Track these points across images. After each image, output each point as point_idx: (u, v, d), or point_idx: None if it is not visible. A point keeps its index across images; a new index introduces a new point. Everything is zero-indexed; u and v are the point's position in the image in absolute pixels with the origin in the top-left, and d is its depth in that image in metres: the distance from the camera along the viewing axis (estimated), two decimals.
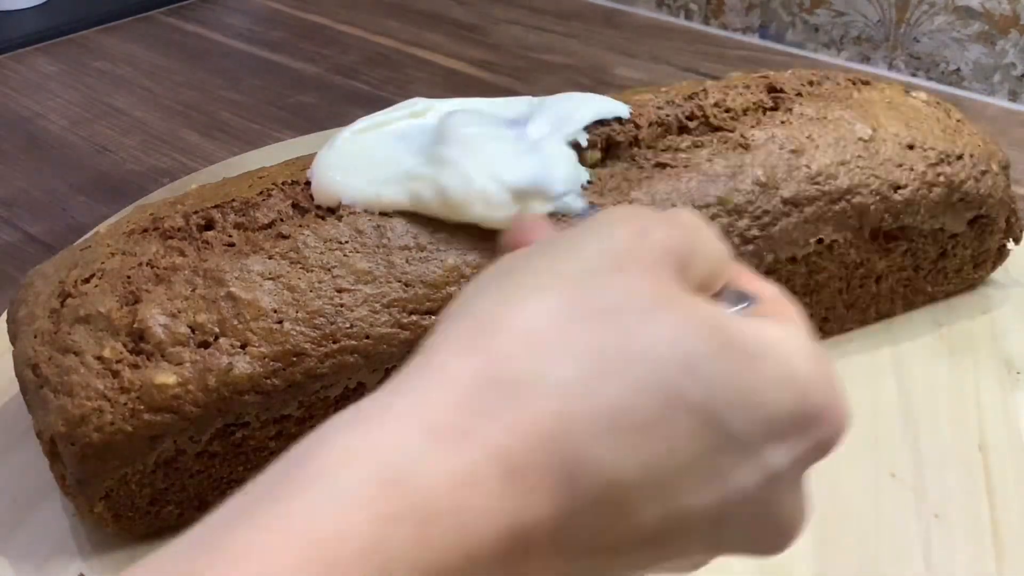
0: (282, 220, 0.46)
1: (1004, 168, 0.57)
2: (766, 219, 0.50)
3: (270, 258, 0.45)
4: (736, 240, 0.49)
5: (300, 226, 0.46)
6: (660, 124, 0.51)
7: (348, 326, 0.44)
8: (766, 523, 0.28)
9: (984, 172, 0.55)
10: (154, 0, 1.07)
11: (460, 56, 0.96)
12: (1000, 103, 0.87)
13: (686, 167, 0.50)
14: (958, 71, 0.91)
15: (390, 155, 0.47)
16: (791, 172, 0.51)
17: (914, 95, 0.58)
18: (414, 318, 0.45)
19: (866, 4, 0.94)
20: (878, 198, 0.52)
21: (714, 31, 1.02)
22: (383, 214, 0.46)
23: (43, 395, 0.43)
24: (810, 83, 0.56)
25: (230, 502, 0.23)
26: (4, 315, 0.51)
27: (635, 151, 0.50)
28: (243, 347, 0.43)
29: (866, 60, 0.96)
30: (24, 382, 0.45)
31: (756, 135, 0.52)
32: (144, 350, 0.43)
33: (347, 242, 0.45)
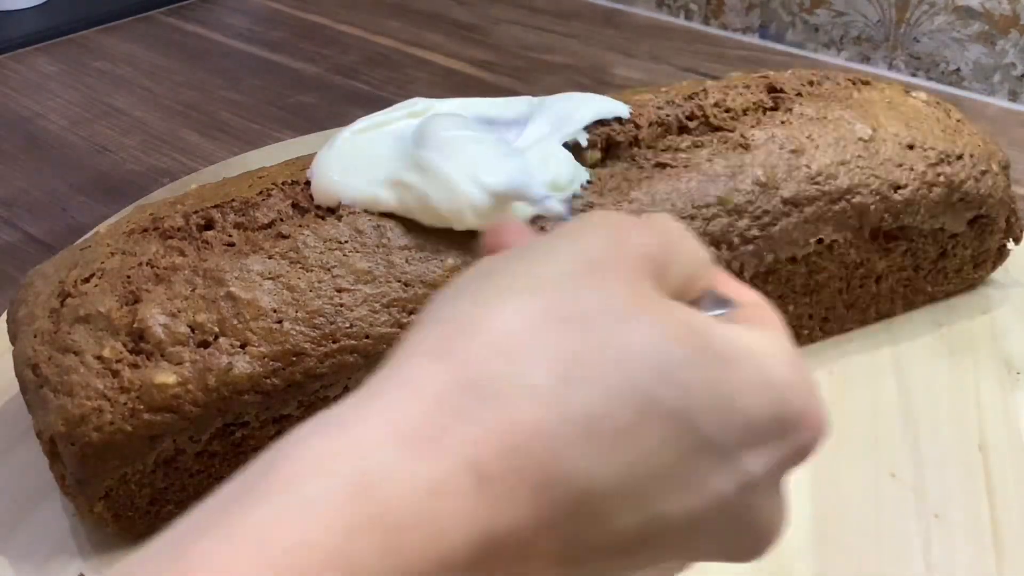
0: (282, 220, 0.46)
1: (1004, 168, 0.57)
2: (766, 219, 0.50)
3: (270, 258, 0.45)
4: (736, 240, 0.49)
5: (300, 226, 0.46)
6: (660, 124, 0.51)
7: (348, 326, 0.44)
8: (743, 528, 0.28)
9: (984, 172, 0.55)
10: (154, 0, 1.07)
11: (460, 56, 0.96)
12: (1000, 103, 0.87)
13: (686, 167, 0.50)
14: (958, 71, 0.91)
15: (390, 155, 0.47)
16: (791, 172, 0.51)
17: (914, 95, 0.58)
18: (414, 318, 0.45)
19: (866, 4, 0.94)
20: (878, 198, 0.52)
21: (714, 31, 1.02)
22: (383, 214, 0.46)
23: (43, 395, 0.43)
24: (810, 83, 0.56)
25: (197, 510, 0.23)
26: (4, 315, 0.51)
27: (635, 151, 0.50)
28: (243, 347, 0.43)
29: (866, 60, 0.96)
30: (24, 382, 0.45)
31: (756, 135, 0.52)
32: (144, 350, 0.43)
33: (347, 242, 0.45)
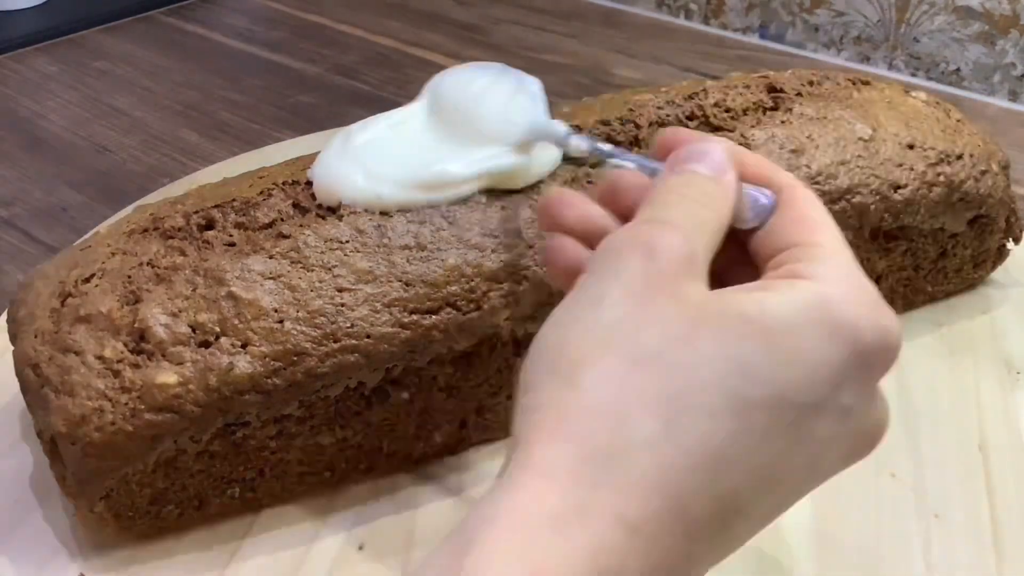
0: (283, 220, 0.46)
1: (1004, 168, 0.57)
2: None
3: (271, 258, 0.45)
4: None
5: (301, 226, 0.46)
6: (660, 124, 0.51)
7: (349, 325, 0.44)
8: (853, 442, 0.31)
9: (984, 172, 0.55)
10: (154, 0, 1.07)
11: (460, 56, 0.95)
12: (1000, 103, 0.87)
13: None
14: (958, 71, 0.91)
15: (391, 155, 0.47)
16: (791, 172, 0.51)
17: (914, 95, 0.58)
18: (415, 317, 0.45)
19: (866, 4, 0.94)
20: (878, 198, 0.52)
21: (714, 31, 1.02)
22: (384, 213, 0.46)
23: (44, 395, 0.43)
24: (810, 83, 0.56)
25: None
26: (4, 315, 0.51)
27: (635, 151, 0.50)
28: (244, 347, 0.43)
29: (866, 60, 0.96)
30: (25, 382, 0.45)
31: (756, 135, 0.52)
32: (145, 350, 0.43)
33: (348, 242, 0.45)
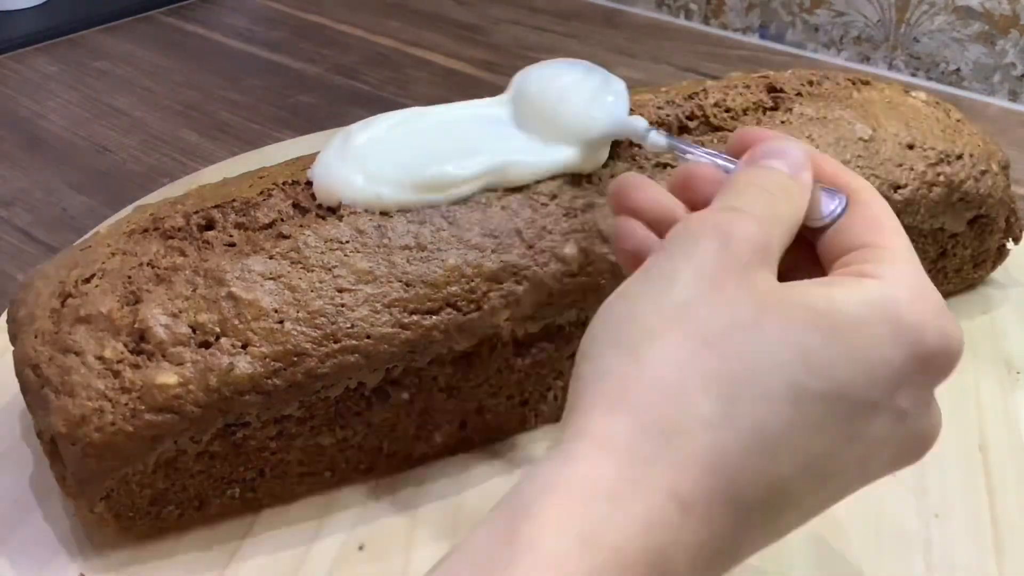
0: (283, 220, 0.46)
1: (1004, 168, 0.57)
2: None
3: (271, 258, 0.45)
4: None
5: (301, 226, 0.46)
6: (660, 124, 0.51)
7: (349, 326, 0.44)
8: (906, 446, 0.31)
9: (984, 172, 0.55)
10: (154, 0, 1.07)
11: (460, 56, 0.96)
12: (1000, 103, 0.87)
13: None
14: (958, 71, 0.91)
15: (392, 155, 0.47)
16: None
17: (914, 95, 0.58)
18: (415, 318, 0.45)
19: (866, 4, 0.94)
20: None
21: (714, 31, 1.02)
22: (384, 214, 0.46)
23: (44, 395, 0.43)
24: (810, 83, 0.56)
25: (459, 558, 0.27)
26: (4, 315, 0.51)
27: (635, 151, 0.50)
28: (244, 347, 0.43)
29: (866, 60, 0.96)
30: (25, 382, 0.45)
31: None
32: (145, 350, 0.43)
33: (348, 242, 0.45)
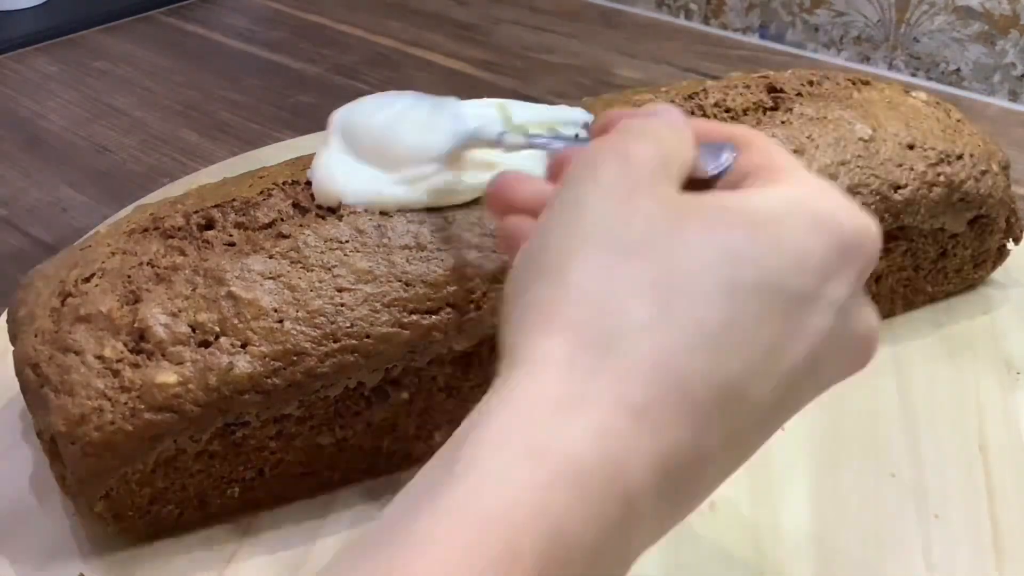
0: (282, 220, 0.46)
1: (1004, 168, 0.57)
2: None
3: (271, 257, 0.45)
4: None
5: (300, 226, 0.46)
6: None
7: (348, 325, 0.44)
8: (850, 343, 0.32)
9: (984, 172, 0.55)
10: (154, 0, 1.07)
11: (460, 56, 0.96)
12: (1000, 103, 0.87)
13: None
14: (958, 71, 0.91)
15: (392, 155, 0.47)
16: None
17: (914, 95, 0.58)
18: (415, 317, 0.45)
19: (866, 4, 0.94)
20: (878, 198, 0.52)
21: (714, 31, 1.02)
22: (383, 213, 0.46)
23: (44, 394, 0.43)
24: (810, 83, 0.56)
25: (402, 496, 0.27)
26: (4, 315, 0.51)
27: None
28: (244, 346, 0.43)
29: (866, 60, 0.96)
30: (25, 382, 0.45)
31: None
32: (145, 349, 0.43)
33: (347, 241, 0.45)
